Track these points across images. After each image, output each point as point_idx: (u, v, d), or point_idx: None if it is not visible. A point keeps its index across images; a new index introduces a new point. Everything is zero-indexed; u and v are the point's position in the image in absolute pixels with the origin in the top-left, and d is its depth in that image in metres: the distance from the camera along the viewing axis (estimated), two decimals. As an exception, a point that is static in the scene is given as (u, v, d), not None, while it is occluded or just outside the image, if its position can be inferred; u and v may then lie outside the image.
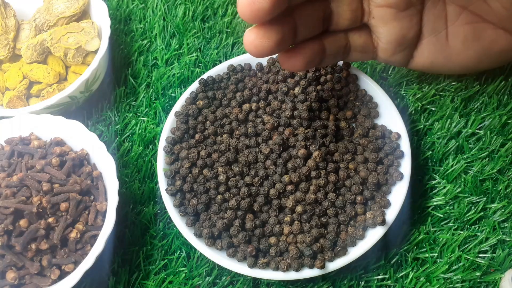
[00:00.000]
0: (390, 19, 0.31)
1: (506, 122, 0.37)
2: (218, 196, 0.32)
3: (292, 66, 0.30)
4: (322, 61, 0.32)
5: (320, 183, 0.32)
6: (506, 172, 0.36)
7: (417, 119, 0.39)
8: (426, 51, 0.33)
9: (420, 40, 0.32)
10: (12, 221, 0.31)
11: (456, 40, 0.32)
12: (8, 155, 0.35)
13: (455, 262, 0.33)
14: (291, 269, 0.31)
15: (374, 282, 0.33)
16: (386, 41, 0.32)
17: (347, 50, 0.32)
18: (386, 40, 0.32)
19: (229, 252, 0.31)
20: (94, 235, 0.32)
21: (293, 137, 0.33)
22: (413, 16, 0.31)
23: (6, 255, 0.31)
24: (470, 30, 0.32)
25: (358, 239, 0.31)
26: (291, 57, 0.30)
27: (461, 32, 0.32)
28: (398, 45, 0.32)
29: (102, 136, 0.41)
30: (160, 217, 0.37)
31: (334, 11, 0.30)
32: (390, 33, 0.31)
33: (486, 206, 0.35)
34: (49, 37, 0.41)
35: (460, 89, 0.39)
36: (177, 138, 0.35)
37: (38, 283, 0.31)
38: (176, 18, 0.47)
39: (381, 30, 0.31)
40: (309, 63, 0.30)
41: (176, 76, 0.43)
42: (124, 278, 0.34)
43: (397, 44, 0.32)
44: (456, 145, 0.37)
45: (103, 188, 0.34)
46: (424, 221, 0.35)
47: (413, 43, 0.32)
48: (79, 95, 0.40)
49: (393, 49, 0.32)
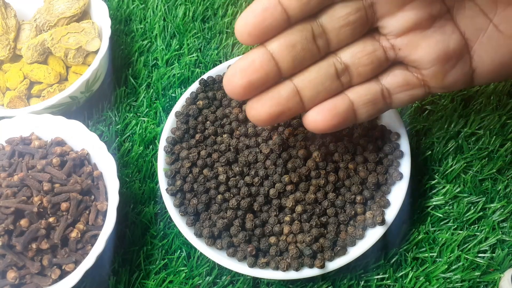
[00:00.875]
0: (419, 41, 0.26)
1: (505, 122, 0.38)
2: (218, 196, 0.32)
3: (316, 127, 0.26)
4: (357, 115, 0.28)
5: (320, 183, 0.32)
6: (506, 172, 0.36)
7: (417, 119, 0.39)
8: (485, 55, 0.27)
9: (471, 47, 0.27)
10: (12, 221, 0.31)
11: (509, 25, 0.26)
12: (9, 155, 0.35)
13: (454, 262, 0.33)
14: (291, 268, 0.31)
15: (373, 281, 0.33)
16: (429, 65, 0.27)
17: (386, 96, 0.28)
18: (427, 63, 0.27)
19: (229, 251, 0.31)
20: (95, 235, 0.32)
21: (293, 137, 0.33)
22: (444, 27, 0.26)
23: (7, 254, 0.31)
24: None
25: (357, 239, 0.32)
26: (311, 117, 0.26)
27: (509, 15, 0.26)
28: (444, 62, 0.27)
29: (103, 136, 0.41)
30: (160, 217, 0.37)
31: (348, 63, 0.26)
32: (428, 54, 0.26)
33: (485, 206, 0.35)
34: (49, 38, 0.41)
35: (460, 89, 0.39)
36: (177, 138, 0.35)
37: (38, 283, 0.31)
38: (177, 19, 0.47)
39: (415, 57, 0.26)
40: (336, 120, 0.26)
41: (176, 77, 0.43)
42: (124, 277, 0.34)
43: (442, 61, 0.27)
44: (455, 145, 0.37)
45: (103, 188, 0.34)
46: (424, 220, 0.35)
47: (462, 53, 0.27)
48: (80, 95, 0.40)
49: (443, 69, 0.27)
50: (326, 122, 0.26)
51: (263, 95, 0.26)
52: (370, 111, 0.28)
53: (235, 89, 0.25)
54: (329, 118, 0.26)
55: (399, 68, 0.28)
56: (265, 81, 0.25)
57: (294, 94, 0.26)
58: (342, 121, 0.27)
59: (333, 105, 0.27)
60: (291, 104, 0.26)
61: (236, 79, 0.25)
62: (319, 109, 0.26)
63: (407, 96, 0.28)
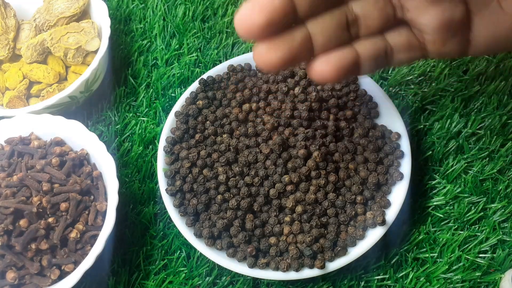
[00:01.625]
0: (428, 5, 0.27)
1: (506, 122, 0.37)
2: (218, 196, 0.32)
3: (322, 77, 0.27)
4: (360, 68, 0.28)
5: (320, 183, 0.32)
6: (506, 172, 0.36)
7: (417, 119, 0.39)
8: (483, 28, 0.28)
9: (472, 20, 0.28)
10: (12, 221, 0.31)
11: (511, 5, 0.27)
12: (8, 155, 0.35)
13: (455, 262, 0.33)
14: (291, 269, 0.31)
15: (374, 282, 0.33)
16: (432, 31, 0.28)
17: (388, 53, 0.29)
18: (431, 29, 0.28)
19: (229, 252, 0.31)
20: (94, 235, 0.32)
21: (293, 137, 0.33)
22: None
23: (6, 255, 0.31)
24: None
25: (358, 239, 0.31)
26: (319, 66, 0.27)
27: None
28: (447, 31, 0.28)
29: (102, 136, 0.41)
30: (160, 217, 0.37)
31: (358, 14, 0.27)
32: (433, 20, 0.27)
33: (486, 206, 0.35)
34: (49, 37, 0.41)
35: (460, 89, 0.39)
36: (177, 138, 0.35)
37: (38, 283, 0.31)
38: (176, 18, 0.47)
39: (421, 20, 0.28)
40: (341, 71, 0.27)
41: (176, 76, 0.43)
42: (124, 278, 0.34)
43: (445, 30, 0.28)
44: (456, 145, 0.37)
45: (103, 188, 0.34)
46: (424, 221, 0.35)
47: (463, 24, 0.28)
48: (79, 95, 0.40)
49: (443, 37, 0.28)
50: (332, 73, 0.27)
51: (276, 38, 0.25)
52: (372, 66, 0.28)
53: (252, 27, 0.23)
54: (335, 69, 0.27)
55: (404, 29, 0.28)
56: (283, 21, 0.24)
57: (308, 40, 0.26)
58: (347, 73, 0.27)
59: (341, 57, 0.27)
60: (304, 49, 0.26)
61: (254, 16, 0.23)
62: (327, 59, 0.27)
63: (406, 57, 0.29)
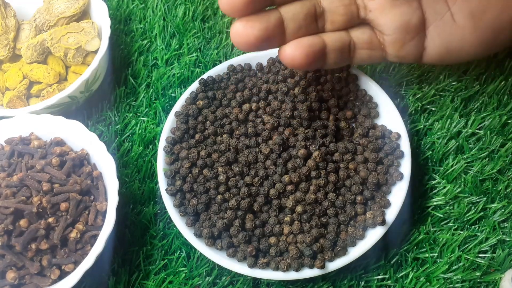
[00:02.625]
0: (388, 8, 0.30)
1: (506, 122, 0.37)
2: (218, 196, 0.32)
3: (292, 60, 0.29)
4: (326, 59, 0.30)
5: (320, 183, 0.32)
6: (506, 172, 0.36)
7: (417, 119, 0.39)
8: (437, 37, 0.31)
9: (427, 27, 0.31)
10: (12, 221, 0.31)
11: (463, 18, 0.30)
12: (8, 155, 0.35)
13: (455, 262, 0.33)
14: (291, 269, 0.31)
15: (374, 282, 0.33)
16: (391, 31, 0.30)
17: (352, 48, 0.31)
18: (390, 30, 0.30)
19: (229, 252, 0.31)
20: (94, 235, 0.32)
21: (293, 137, 0.33)
22: (411, 2, 0.30)
23: (6, 255, 0.31)
24: (475, 3, 0.30)
25: (358, 239, 0.31)
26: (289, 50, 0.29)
27: (465, 8, 0.30)
28: (404, 33, 0.30)
29: (102, 136, 0.41)
30: (160, 217, 0.37)
31: (326, 8, 0.29)
32: (392, 22, 0.30)
33: (486, 206, 0.35)
34: (49, 37, 0.41)
35: (460, 89, 0.39)
36: (177, 138, 0.35)
37: (38, 283, 0.31)
38: (176, 18, 0.47)
39: (381, 21, 0.30)
40: (310, 57, 0.29)
41: (176, 76, 0.43)
42: (124, 278, 0.34)
43: (403, 32, 0.30)
44: (456, 145, 0.37)
45: (103, 188, 0.34)
46: (424, 221, 0.35)
47: (420, 30, 0.31)
48: (79, 95, 0.40)
49: (401, 39, 0.30)
50: (302, 58, 0.29)
51: (253, 16, 0.27)
52: (337, 59, 0.31)
53: (236, 2, 0.26)
54: (305, 54, 0.29)
55: (366, 28, 0.31)
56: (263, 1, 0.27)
57: (281, 23, 0.28)
58: (315, 60, 0.29)
59: (310, 42, 0.29)
60: (277, 32, 0.28)
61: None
62: (297, 44, 0.29)
63: (367, 55, 0.31)
